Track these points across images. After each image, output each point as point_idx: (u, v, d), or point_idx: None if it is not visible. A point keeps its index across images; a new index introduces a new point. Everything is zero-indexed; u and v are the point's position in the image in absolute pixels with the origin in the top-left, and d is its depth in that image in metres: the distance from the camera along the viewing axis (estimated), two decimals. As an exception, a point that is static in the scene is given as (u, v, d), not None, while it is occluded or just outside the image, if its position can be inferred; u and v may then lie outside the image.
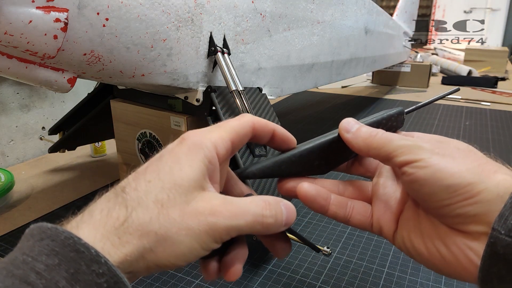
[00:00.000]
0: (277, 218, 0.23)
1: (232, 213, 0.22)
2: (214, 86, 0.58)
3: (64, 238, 0.19)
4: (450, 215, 0.23)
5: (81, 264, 0.19)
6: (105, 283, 0.19)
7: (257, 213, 0.23)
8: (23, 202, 0.71)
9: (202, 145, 0.23)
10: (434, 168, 0.23)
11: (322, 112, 1.34)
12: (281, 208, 0.24)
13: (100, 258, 0.19)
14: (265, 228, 0.23)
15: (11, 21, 0.36)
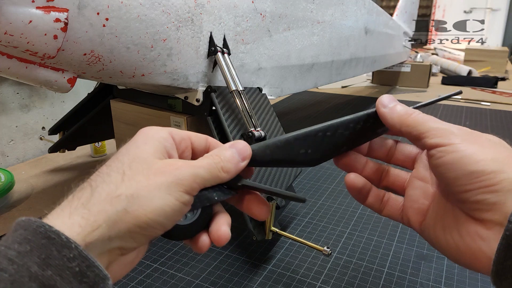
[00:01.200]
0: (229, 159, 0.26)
1: (191, 165, 0.24)
2: (214, 86, 0.58)
3: (36, 226, 0.20)
4: (470, 201, 0.24)
5: (52, 250, 0.19)
6: (76, 266, 0.20)
7: (210, 161, 0.25)
8: (23, 202, 0.71)
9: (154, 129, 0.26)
10: (462, 153, 0.24)
11: (322, 112, 1.34)
12: (230, 150, 0.27)
13: (71, 244, 0.20)
14: (225, 170, 0.26)
15: (11, 21, 0.36)
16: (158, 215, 0.22)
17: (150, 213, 0.22)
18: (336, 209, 0.68)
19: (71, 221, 0.21)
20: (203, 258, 0.54)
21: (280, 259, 0.54)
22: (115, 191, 0.22)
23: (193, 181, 0.24)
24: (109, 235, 0.21)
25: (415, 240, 0.59)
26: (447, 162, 0.24)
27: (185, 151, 0.27)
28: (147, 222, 0.22)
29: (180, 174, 0.23)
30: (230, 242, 0.58)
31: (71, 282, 0.19)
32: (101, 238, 0.21)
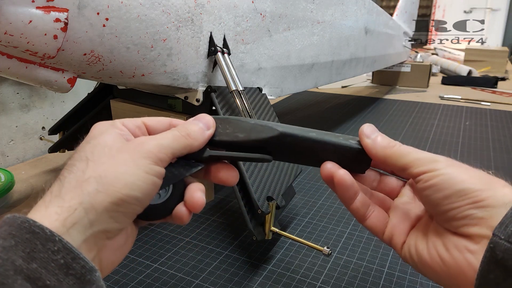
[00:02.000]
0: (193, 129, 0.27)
1: (155, 137, 0.25)
2: (214, 86, 0.58)
3: (20, 222, 0.20)
4: (457, 217, 0.24)
5: (36, 244, 0.20)
6: (61, 259, 0.20)
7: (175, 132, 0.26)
8: (23, 202, 0.71)
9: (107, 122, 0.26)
10: (448, 176, 0.25)
11: (322, 112, 1.34)
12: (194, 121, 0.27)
13: (55, 237, 0.20)
14: (192, 138, 0.26)
15: (11, 21, 0.36)
16: (130, 189, 0.22)
17: (122, 189, 0.22)
18: (336, 209, 0.68)
19: (48, 212, 0.21)
20: (203, 258, 0.54)
21: (280, 259, 0.54)
22: (83, 176, 0.22)
23: (159, 151, 0.24)
24: (88, 218, 0.21)
25: (415, 240, 0.59)
26: (435, 184, 0.25)
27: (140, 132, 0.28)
28: (122, 198, 0.22)
29: (145, 147, 0.24)
30: (230, 242, 0.58)
31: (57, 274, 0.19)
32: (80, 222, 0.21)
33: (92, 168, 0.23)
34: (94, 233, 0.22)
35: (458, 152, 0.94)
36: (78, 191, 0.22)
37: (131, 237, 0.26)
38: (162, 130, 0.28)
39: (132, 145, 0.24)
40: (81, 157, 0.24)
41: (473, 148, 0.98)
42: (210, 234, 0.59)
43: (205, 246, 0.57)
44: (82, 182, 0.22)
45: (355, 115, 1.29)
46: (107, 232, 0.23)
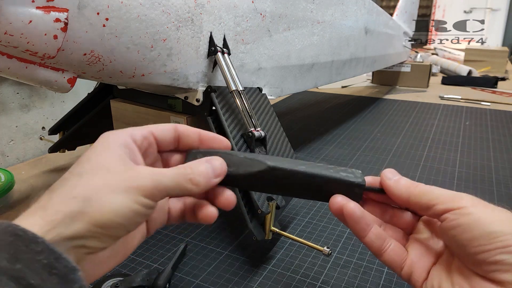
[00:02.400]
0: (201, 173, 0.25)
1: (155, 172, 0.24)
2: (214, 86, 0.58)
3: (4, 227, 0.21)
4: (487, 261, 0.24)
5: (19, 245, 0.20)
6: (45, 259, 0.20)
7: (178, 171, 0.25)
8: (23, 202, 0.71)
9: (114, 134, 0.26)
10: (476, 215, 0.25)
11: (322, 112, 1.34)
12: (204, 164, 0.26)
13: (37, 238, 0.20)
14: (195, 183, 0.25)
15: (11, 21, 0.36)
16: (115, 216, 0.22)
17: (107, 214, 0.22)
18: (336, 209, 0.68)
19: (30, 221, 0.22)
20: (203, 258, 0.54)
21: (280, 259, 0.54)
22: (71, 192, 0.23)
23: (154, 187, 0.24)
24: (68, 234, 0.22)
25: (415, 240, 0.59)
26: (462, 224, 0.25)
27: (149, 148, 0.28)
28: (105, 222, 0.22)
29: (140, 179, 0.23)
30: (230, 242, 0.58)
31: (41, 274, 0.20)
32: (61, 236, 0.21)
33: (82, 187, 0.23)
34: (73, 246, 0.22)
35: (458, 152, 0.95)
36: (62, 207, 0.22)
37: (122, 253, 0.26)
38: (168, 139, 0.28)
39: (129, 173, 0.24)
40: (78, 172, 0.24)
41: (473, 148, 0.98)
42: (210, 234, 0.59)
43: (205, 246, 0.57)
44: (69, 199, 0.22)
45: (355, 115, 1.29)
46: (87, 247, 0.23)
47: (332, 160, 0.89)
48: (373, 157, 0.92)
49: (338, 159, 0.90)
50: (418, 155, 0.93)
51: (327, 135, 1.08)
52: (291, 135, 1.08)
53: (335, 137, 1.07)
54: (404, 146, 0.99)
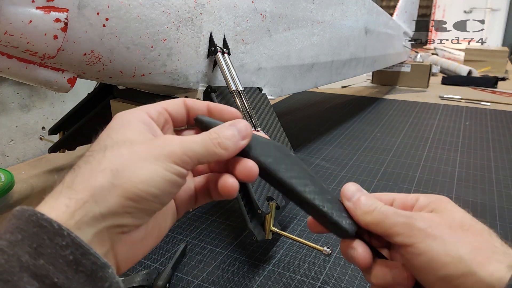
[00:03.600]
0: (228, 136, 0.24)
1: (183, 138, 0.23)
2: (214, 86, 0.58)
3: (28, 215, 0.19)
4: None
5: (44, 238, 0.19)
6: (70, 255, 0.19)
7: (205, 137, 0.24)
8: (23, 202, 0.71)
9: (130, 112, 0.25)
10: (427, 256, 0.23)
11: (322, 112, 1.34)
12: (230, 128, 0.25)
13: (63, 231, 0.19)
14: (223, 147, 0.24)
15: (11, 21, 0.36)
16: (148, 186, 0.21)
17: (140, 184, 0.21)
18: (336, 209, 0.68)
19: (57, 203, 0.20)
20: (203, 258, 0.54)
21: (280, 259, 0.54)
22: (98, 166, 0.21)
23: (183, 153, 0.22)
24: (100, 211, 0.20)
25: (415, 240, 0.59)
26: (417, 266, 0.24)
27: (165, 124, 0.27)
28: (138, 194, 0.21)
29: (169, 146, 0.22)
30: (230, 242, 0.58)
31: (66, 272, 0.18)
32: (90, 215, 0.20)
33: (109, 159, 0.21)
34: (106, 227, 0.20)
35: (458, 152, 0.95)
36: (91, 182, 0.20)
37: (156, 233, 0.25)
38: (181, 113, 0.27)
39: (156, 142, 0.23)
40: (100, 148, 0.22)
41: (473, 148, 0.98)
42: (210, 234, 0.59)
43: (205, 246, 0.57)
44: (97, 173, 0.21)
45: (355, 115, 1.29)
46: (122, 226, 0.21)
47: (332, 160, 0.89)
48: (373, 157, 0.92)
49: (338, 159, 0.90)
50: (418, 155, 0.93)
51: (327, 135, 1.08)
52: (291, 135, 1.08)
53: (335, 137, 1.07)
54: (404, 146, 0.99)
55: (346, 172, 0.83)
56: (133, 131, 0.23)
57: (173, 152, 0.22)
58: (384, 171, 0.84)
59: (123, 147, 0.22)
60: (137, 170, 0.21)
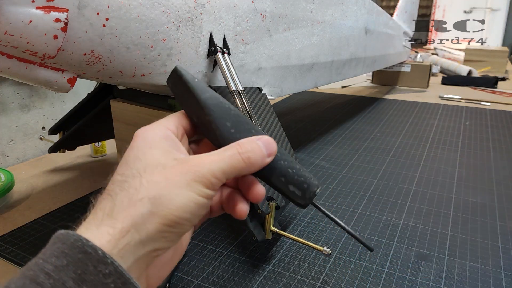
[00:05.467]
0: (255, 151, 0.25)
1: (210, 160, 0.24)
2: (214, 86, 0.58)
3: (74, 240, 0.20)
4: None
5: (88, 265, 0.19)
6: (112, 283, 0.19)
7: (232, 153, 0.25)
8: (23, 202, 0.71)
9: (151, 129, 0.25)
10: None
11: (322, 112, 1.34)
12: (256, 143, 0.26)
13: (107, 259, 0.20)
14: (248, 164, 0.25)
15: (11, 21, 0.36)
16: (184, 212, 0.22)
17: (176, 211, 0.22)
18: (336, 209, 0.68)
19: (100, 231, 0.21)
20: (203, 258, 0.54)
21: (280, 259, 0.54)
22: (137, 195, 0.22)
23: (213, 176, 0.24)
24: (140, 239, 0.21)
25: (415, 240, 0.59)
26: None
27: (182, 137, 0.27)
28: (175, 220, 0.22)
29: (199, 170, 0.23)
30: (230, 242, 0.58)
31: None
32: (132, 243, 0.21)
33: (146, 188, 0.22)
34: (145, 253, 0.22)
35: (458, 152, 0.95)
36: (131, 212, 0.21)
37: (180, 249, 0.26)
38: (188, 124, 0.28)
39: (187, 166, 0.23)
40: (133, 174, 0.23)
41: (473, 148, 0.98)
42: (210, 234, 0.59)
43: (205, 246, 0.57)
44: (136, 201, 0.22)
45: (355, 115, 1.29)
46: (157, 250, 0.22)
47: (332, 160, 0.89)
48: (373, 157, 0.92)
49: (338, 159, 0.90)
50: (418, 155, 0.93)
51: (327, 135, 1.08)
52: (291, 135, 1.08)
53: (335, 137, 1.07)
54: (404, 146, 0.99)
55: (346, 172, 0.83)
56: (160, 151, 0.24)
57: (204, 176, 0.23)
58: (384, 171, 0.84)
59: (156, 173, 0.23)
60: (173, 197, 0.22)
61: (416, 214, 0.66)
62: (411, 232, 0.61)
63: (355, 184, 0.78)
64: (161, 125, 0.26)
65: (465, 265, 0.53)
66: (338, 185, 0.77)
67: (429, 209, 0.68)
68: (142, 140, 0.25)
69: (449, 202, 0.71)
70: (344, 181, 0.79)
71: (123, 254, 0.21)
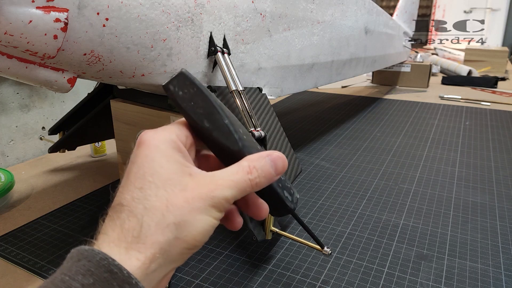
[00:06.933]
0: (266, 174, 0.26)
1: (223, 185, 0.24)
2: (214, 86, 0.58)
3: (100, 259, 0.20)
4: None
5: (113, 285, 0.20)
6: None
7: (244, 179, 0.25)
8: (23, 202, 0.71)
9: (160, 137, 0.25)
10: None
11: (322, 112, 1.34)
12: (267, 163, 0.26)
13: (132, 280, 0.20)
14: (257, 186, 0.26)
15: (11, 21, 0.36)
16: (203, 236, 0.24)
17: (198, 236, 0.23)
18: (336, 209, 0.68)
19: (129, 256, 0.21)
20: (203, 258, 0.54)
21: (280, 259, 0.54)
22: (164, 220, 0.23)
23: (227, 202, 0.25)
24: (164, 262, 0.22)
25: (415, 240, 0.59)
26: None
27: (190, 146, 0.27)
28: (196, 244, 0.23)
29: (215, 197, 0.24)
30: (230, 242, 0.58)
31: None
32: (159, 268, 0.22)
33: (172, 213, 0.23)
34: (165, 274, 0.23)
35: (458, 152, 0.95)
36: (159, 238, 0.22)
37: None
38: None
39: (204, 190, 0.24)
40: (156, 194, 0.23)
41: (473, 148, 0.98)
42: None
43: (205, 246, 0.57)
44: (164, 228, 0.22)
45: (355, 115, 1.29)
46: (174, 269, 0.24)
47: (332, 160, 0.89)
48: (373, 157, 0.92)
49: (338, 159, 0.90)
50: (418, 155, 0.93)
51: (327, 135, 1.08)
52: (291, 135, 1.08)
53: (335, 137, 1.07)
54: (404, 146, 0.99)
55: (346, 172, 0.83)
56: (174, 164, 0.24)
57: (219, 202, 0.24)
58: (384, 171, 0.84)
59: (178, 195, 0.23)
60: (195, 223, 0.23)
61: (416, 214, 0.66)
62: (411, 232, 0.61)
63: (355, 184, 0.78)
64: (170, 131, 0.26)
65: (465, 265, 0.53)
66: (338, 185, 0.77)
67: (429, 209, 0.68)
68: (151, 149, 0.25)
69: (449, 202, 0.71)
70: (344, 181, 0.79)
71: (150, 278, 0.22)
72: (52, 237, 0.59)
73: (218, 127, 0.26)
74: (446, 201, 0.71)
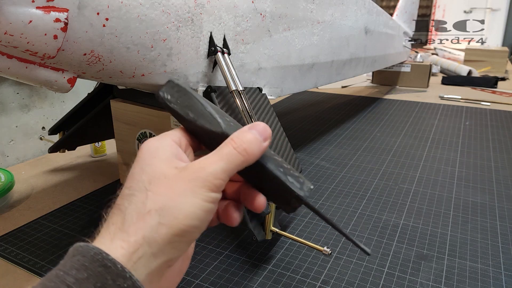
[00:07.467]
0: (250, 140, 0.25)
1: (209, 162, 0.24)
2: (214, 86, 0.58)
3: (94, 254, 0.21)
4: None
5: (107, 279, 0.20)
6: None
7: (228, 150, 0.25)
8: (23, 202, 0.71)
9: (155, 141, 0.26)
10: None
11: (322, 112, 1.34)
12: (249, 132, 0.26)
13: (125, 273, 0.20)
14: (246, 155, 0.25)
15: (11, 21, 0.36)
16: (192, 219, 0.23)
17: (184, 220, 0.23)
18: (336, 209, 0.68)
19: (114, 245, 0.22)
20: (203, 258, 0.54)
21: (280, 259, 0.54)
22: (144, 208, 0.23)
23: (215, 177, 0.24)
24: (151, 251, 0.22)
25: (415, 240, 0.59)
26: None
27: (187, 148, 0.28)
28: (184, 229, 0.23)
29: (201, 176, 0.24)
30: (230, 242, 0.58)
31: None
32: (145, 257, 0.22)
33: (152, 200, 0.23)
34: (157, 265, 0.22)
35: (458, 152, 0.94)
36: (141, 225, 0.22)
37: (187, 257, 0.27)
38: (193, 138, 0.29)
39: (188, 173, 0.24)
40: (139, 187, 0.24)
41: (473, 148, 0.98)
42: (210, 234, 0.59)
43: (205, 246, 0.57)
44: (144, 215, 0.22)
45: (355, 115, 1.29)
46: (168, 261, 0.23)
47: (332, 160, 0.89)
48: (373, 157, 0.92)
49: (338, 159, 0.90)
50: (418, 155, 0.93)
51: (327, 135, 1.08)
52: (291, 135, 1.08)
53: (335, 137, 1.07)
54: (404, 146, 0.99)
55: (346, 172, 0.83)
56: (162, 161, 0.25)
57: (207, 180, 0.23)
58: (384, 171, 0.84)
59: (160, 185, 0.23)
60: (180, 206, 0.23)
61: (416, 214, 0.66)
62: (411, 232, 0.61)
63: (355, 184, 0.78)
64: (165, 136, 0.27)
65: (465, 265, 0.53)
66: (338, 185, 0.77)
67: (429, 209, 0.68)
68: (146, 151, 0.26)
69: (449, 202, 0.71)
70: (344, 181, 0.79)
71: (136, 267, 0.21)
72: (52, 237, 0.59)
73: (201, 115, 0.28)
74: (446, 201, 0.71)
